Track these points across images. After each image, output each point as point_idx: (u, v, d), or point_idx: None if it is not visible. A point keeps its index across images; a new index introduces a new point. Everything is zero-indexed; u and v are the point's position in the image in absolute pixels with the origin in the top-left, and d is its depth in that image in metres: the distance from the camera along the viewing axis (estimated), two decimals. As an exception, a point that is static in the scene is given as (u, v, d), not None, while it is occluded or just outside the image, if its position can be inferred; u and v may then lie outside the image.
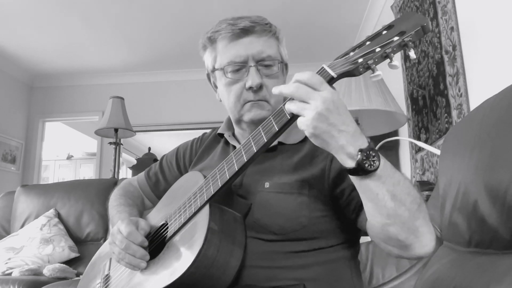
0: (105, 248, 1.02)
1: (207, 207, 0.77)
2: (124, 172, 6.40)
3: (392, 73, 2.64)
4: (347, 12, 3.32)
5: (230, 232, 0.76)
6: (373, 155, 0.62)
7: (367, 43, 0.66)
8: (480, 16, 1.60)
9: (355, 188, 0.69)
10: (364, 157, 0.62)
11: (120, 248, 0.80)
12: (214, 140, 1.07)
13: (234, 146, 0.97)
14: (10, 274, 1.97)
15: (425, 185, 1.78)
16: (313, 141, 0.65)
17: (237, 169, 0.75)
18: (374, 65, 0.64)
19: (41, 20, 3.39)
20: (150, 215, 1.00)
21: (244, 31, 0.88)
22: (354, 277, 0.86)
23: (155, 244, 0.85)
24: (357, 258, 0.90)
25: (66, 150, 7.53)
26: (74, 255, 2.18)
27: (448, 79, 1.86)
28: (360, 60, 0.64)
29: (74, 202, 2.35)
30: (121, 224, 0.83)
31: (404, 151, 2.59)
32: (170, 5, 3.20)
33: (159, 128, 4.50)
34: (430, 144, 2.02)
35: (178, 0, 3.14)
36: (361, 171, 0.63)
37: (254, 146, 0.73)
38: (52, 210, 2.32)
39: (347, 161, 0.63)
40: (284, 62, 0.95)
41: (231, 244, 0.75)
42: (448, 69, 1.86)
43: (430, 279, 0.84)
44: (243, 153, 0.75)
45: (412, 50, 0.64)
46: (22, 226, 2.32)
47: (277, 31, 0.93)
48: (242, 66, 0.89)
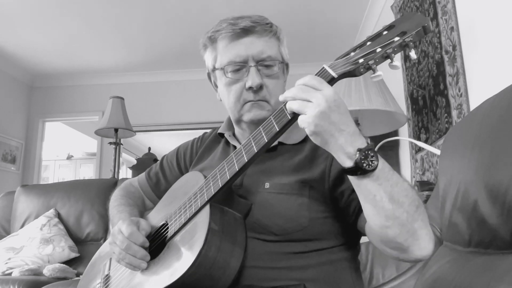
0: (105, 248, 1.02)
1: (208, 207, 0.77)
2: (124, 172, 6.40)
3: (392, 73, 2.64)
4: (347, 12, 3.32)
5: (231, 233, 0.76)
6: (372, 155, 0.63)
7: (368, 44, 0.66)
8: (480, 16, 1.61)
9: (355, 190, 0.69)
10: (363, 157, 0.62)
11: (121, 249, 0.80)
12: (215, 140, 1.07)
13: (235, 146, 0.96)
14: (10, 274, 1.97)
15: (425, 185, 1.78)
16: (313, 140, 0.65)
17: (238, 169, 0.75)
18: (375, 66, 0.65)
19: (41, 20, 3.39)
20: (150, 215, 1.00)
21: (245, 31, 0.88)
22: (355, 278, 0.86)
23: (156, 244, 0.85)
24: (358, 259, 0.90)
25: (66, 150, 7.53)
26: (74, 255, 2.18)
27: (448, 79, 1.86)
28: (361, 61, 0.64)
29: (74, 202, 2.34)
30: (122, 224, 0.83)
31: (404, 151, 2.59)
32: (170, 5, 3.20)
33: (159, 128, 4.50)
34: (430, 144, 2.02)
35: (178, 0, 3.14)
36: (359, 171, 0.63)
37: (255, 146, 0.73)
38: (52, 210, 2.31)
39: (346, 161, 0.64)
40: (285, 62, 0.95)
41: (232, 245, 0.75)
42: (448, 69, 1.86)
43: (430, 279, 0.84)
44: (244, 153, 0.75)
45: (413, 51, 0.64)
46: (22, 226, 2.32)
47: (278, 31, 0.93)
48: (243, 66, 0.88)
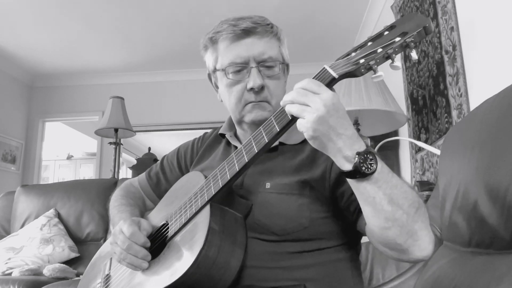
0: (106, 248, 1.02)
1: (208, 208, 0.77)
2: (124, 172, 6.40)
3: (392, 73, 2.64)
4: (347, 12, 3.32)
5: (231, 233, 0.76)
6: (371, 158, 0.63)
7: (369, 44, 0.66)
8: (480, 16, 1.61)
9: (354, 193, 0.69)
10: (361, 160, 0.63)
11: (122, 248, 0.80)
12: (216, 140, 1.07)
13: (236, 147, 0.96)
14: (10, 274, 1.97)
15: (425, 185, 1.78)
16: (312, 144, 0.66)
17: (238, 170, 0.75)
18: (376, 66, 0.65)
19: (41, 20, 3.39)
20: (151, 215, 1.00)
21: (246, 32, 0.88)
22: (355, 278, 0.86)
23: (156, 244, 0.85)
24: (358, 259, 0.90)
25: (66, 150, 7.53)
26: (74, 255, 2.18)
27: (448, 79, 1.86)
28: (362, 61, 0.64)
29: (74, 202, 2.34)
30: (124, 224, 0.83)
31: (404, 151, 2.59)
32: (170, 5, 3.20)
33: (159, 128, 4.50)
34: (430, 144, 2.02)
35: (178, 0, 3.14)
36: (358, 174, 0.64)
37: (255, 147, 0.73)
38: (52, 210, 2.31)
39: (345, 164, 0.64)
40: (286, 63, 0.95)
41: (232, 245, 0.75)
42: (448, 69, 1.86)
43: (430, 279, 0.84)
44: (244, 154, 0.75)
45: (414, 51, 0.64)
46: (22, 226, 2.32)
47: (279, 32, 0.93)
48: (244, 67, 0.88)
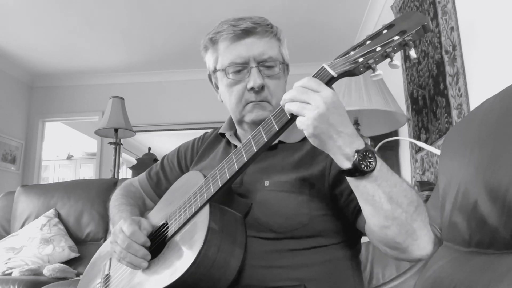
0: (105, 248, 1.02)
1: (207, 207, 0.77)
2: (124, 172, 6.40)
3: (392, 73, 2.64)
4: (347, 12, 3.32)
5: (231, 232, 0.76)
6: (370, 156, 0.64)
7: (368, 42, 0.66)
8: (480, 16, 1.61)
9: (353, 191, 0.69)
10: (361, 158, 0.63)
11: (122, 248, 0.80)
12: (216, 140, 1.07)
13: (236, 146, 0.97)
14: (10, 274, 1.97)
15: (425, 185, 1.78)
16: (312, 141, 0.66)
17: (237, 169, 0.75)
18: (375, 65, 0.65)
19: (41, 20, 3.39)
20: (151, 215, 1.00)
21: (246, 32, 0.88)
22: (355, 277, 0.86)
23: (156, 244, 0.85)
24: (358, 258, 0.90)
25: (66, 150, 7.53)
26: (74, 255, 2.18)
27: (448, 79, 1.86)
28: (361, 60, 0.64)
29: (74, 202, 2.34)
30: (124, 224, 0.83)
31: (404, 151, 2.59)
32: (170, 5, 3.20)
33: (159, 128, 4.50)
34: (430, 144, 2.02)
35: (178, 0, 3.14)
36: (357, 172, 0.64)
37: (254, 146, 0.73)
38: (52, 210, 2.31)
39: (344, 162, 0.65)
40: (286, 63, 0.96)
41: (232, 244, 0.75)
42: (448, 69, 1.86)
43: (430, 279, 0.83)
44: (243, 153, 0.75)
45: (413, 50, 0.64)
46: (22, 226, 2.32)
47: (278, 32, 0.93)
48: (244, 67, 0.89)
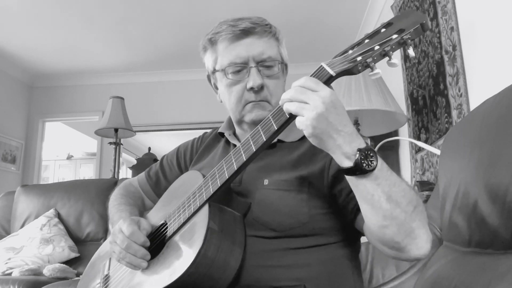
0: (105, 248, 1.02)
1: (207, 207, 0.77)
2: (124, 172, 6.40)
3: (392, 73, 2.64)
4: (347, 12, 3.32)
5: (230, 232, 0.76)
6: (371, 155, 0.63)
7: (366, 41, 0.66)
8: (480, 16, 1.60)
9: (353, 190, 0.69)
10: (363, 157, 0.63)
11: (121, 248, 0.80)
12: (215, 140, 1.07)
13: (235, 145, 0.97)
14: (10, 274, 1.97)
15: (425, 185, 1.78)
16: (312, 141, 0.66)
17: (236, 169, 0.75)
18: (373, 63, 0.64)
19: (41, 20, 3.39)
20: (150, 214, 1.00)
21: (245, 32, 0.88)
22: (355, 277, 0.86)
23: (155, 244, 0.85)
24: (358, 258, 0.90)
25: (66, 150, 7.53)
26: (74, 255, 2.18)
27: (448, 79, 1.86)
28: (359, 58, 0.64)
29: (74, 202, 2.35)
30: (123, 224, 0.83)
31: (404, 151, 2.59)
32: (170, 5, 3.20)
33: (159, 128, 4.50)
34: (430, 144, 2.01)
35: (178, 0, 3.14)
36: (359, 171, 0.64)
37: (253, 146, 0.73)
38: (52, 210, 2.31)
39: (344, 161, 0.64)
40: (284, 63, 0.96)
41: (231, 244, 0.75)
42: (448, 69, 1.86)
43: (430, 279, 0.83)
44: (242, 153, 0.75)
45: (411, 48, 0.64)
46: (22, 226, 2.32)
47: (277, 32, 0.94)
48: (243, 67, 0.89)
